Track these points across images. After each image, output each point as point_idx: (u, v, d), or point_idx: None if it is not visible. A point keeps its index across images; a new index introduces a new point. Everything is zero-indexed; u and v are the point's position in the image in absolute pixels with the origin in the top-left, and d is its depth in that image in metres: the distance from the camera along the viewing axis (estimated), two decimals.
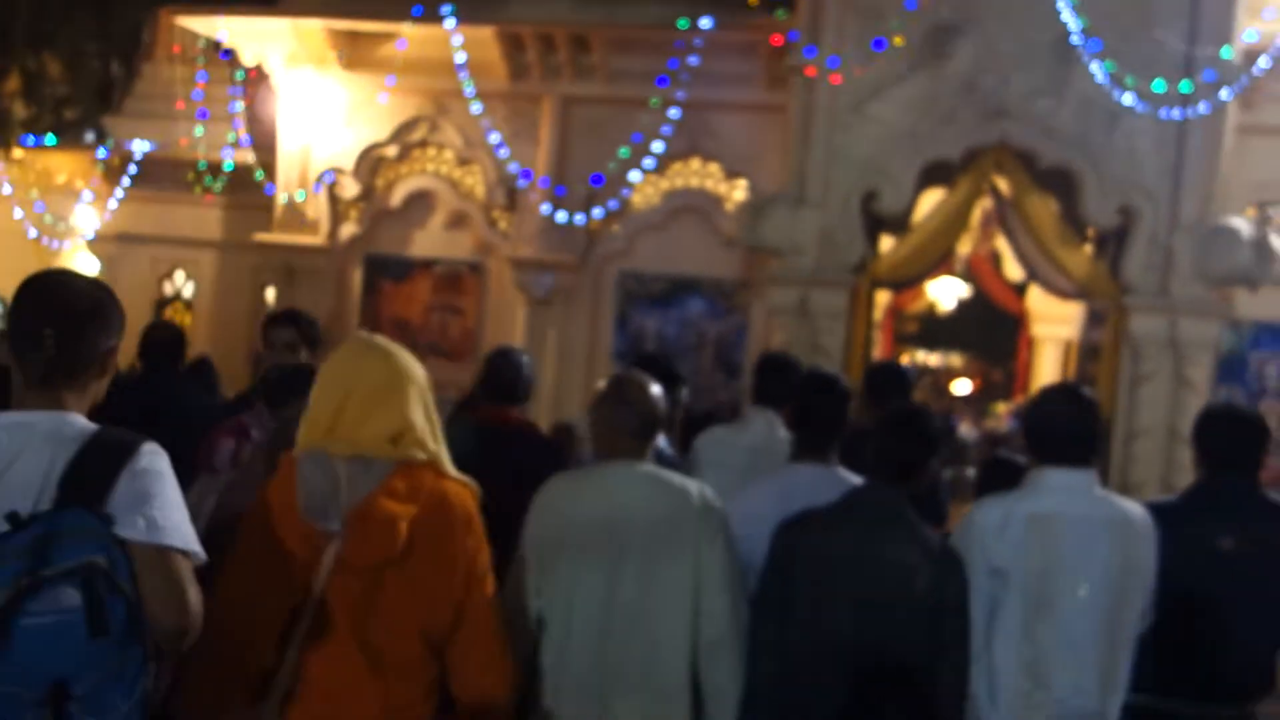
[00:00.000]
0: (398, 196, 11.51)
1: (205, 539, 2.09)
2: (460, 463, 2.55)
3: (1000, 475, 3.49)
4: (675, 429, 4.41)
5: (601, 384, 3.14)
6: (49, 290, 2.06)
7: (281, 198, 11.49)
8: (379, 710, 2.38)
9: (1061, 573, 2.96)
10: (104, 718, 1.84)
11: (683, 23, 10.02)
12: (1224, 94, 8.35)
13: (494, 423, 3.89)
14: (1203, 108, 8.30)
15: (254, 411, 3.82)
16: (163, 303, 13.12)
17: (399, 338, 10.75)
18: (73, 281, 2.10)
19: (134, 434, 2.01)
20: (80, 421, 2.02)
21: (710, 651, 2.91)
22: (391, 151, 11.43)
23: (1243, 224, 8.51)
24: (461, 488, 2.52)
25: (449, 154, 11.45)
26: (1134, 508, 3.07)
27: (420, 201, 11.54)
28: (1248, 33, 8.59)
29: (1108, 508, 3.05)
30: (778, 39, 9.66)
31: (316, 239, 11.46)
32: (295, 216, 11.46)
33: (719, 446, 4.19)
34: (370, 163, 11.45)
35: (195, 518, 3.39)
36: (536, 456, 3.76)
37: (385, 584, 2.39)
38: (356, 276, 11.64)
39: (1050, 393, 3.28)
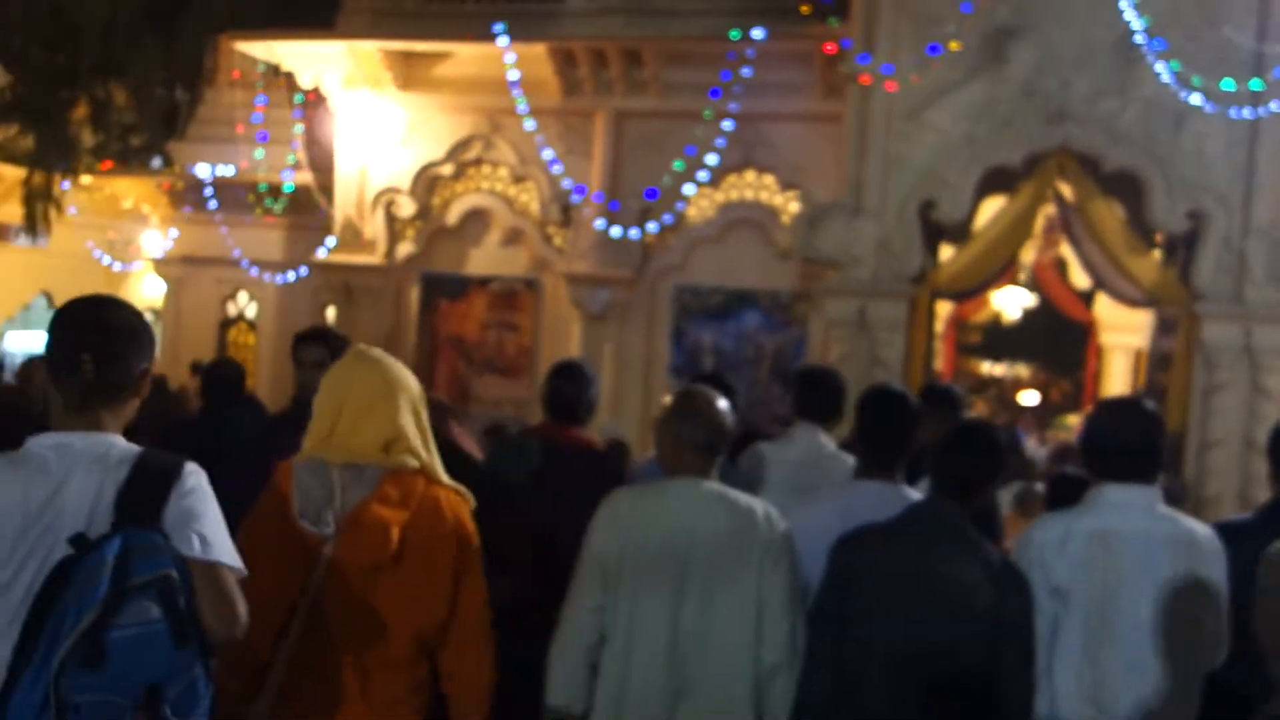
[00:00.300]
0: (454, 215, 11.57)
1: None
2: (523, 479, 2.53)
3: (1069, 491, 3.37)
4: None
5: (666, 400, 3.13)
6: (86, 315, 2.14)
7: (339, 218, 11.61)
8: (367, 708, 2.48)
9: (1122, 592, 2.87)
10: (190, 718, 1.97)
11: (735, 34, 9.94)
12: None
13: (556, 440, 3.92)
14: (1274, 106, 8.02)
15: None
16: (227, 323, 13.34)
17: (456, 355, 10.73)
18: (108, 306, 2.17)
19: (174, 455, 2.11)
20: (121, 443, 2.11)
21: (770, 677, 2.89)
22: (447, 170, 11.50)
23: None
24: (453, 495, 2.60)
25: (504, 171, 11.48)
26: (1200, 527, 2.95)
27: (476, 219, 11.59)
28: None
29: (1170, 525, 2.93)
30: (831, 47, 9.54)
31: (374, 258, 11.55)
32: (354, 236, 11.57)
33: (764, 463, 4.12)
34: (426, 182, 11.53)
35: None
36: (597, 473, 3.77)
37: (377, 586, 2.48)
38: (414, 294, 11.71)
39: (1107, 407, 3.19)
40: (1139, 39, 8.08)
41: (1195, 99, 8.03)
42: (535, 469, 3.80)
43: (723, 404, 3.00)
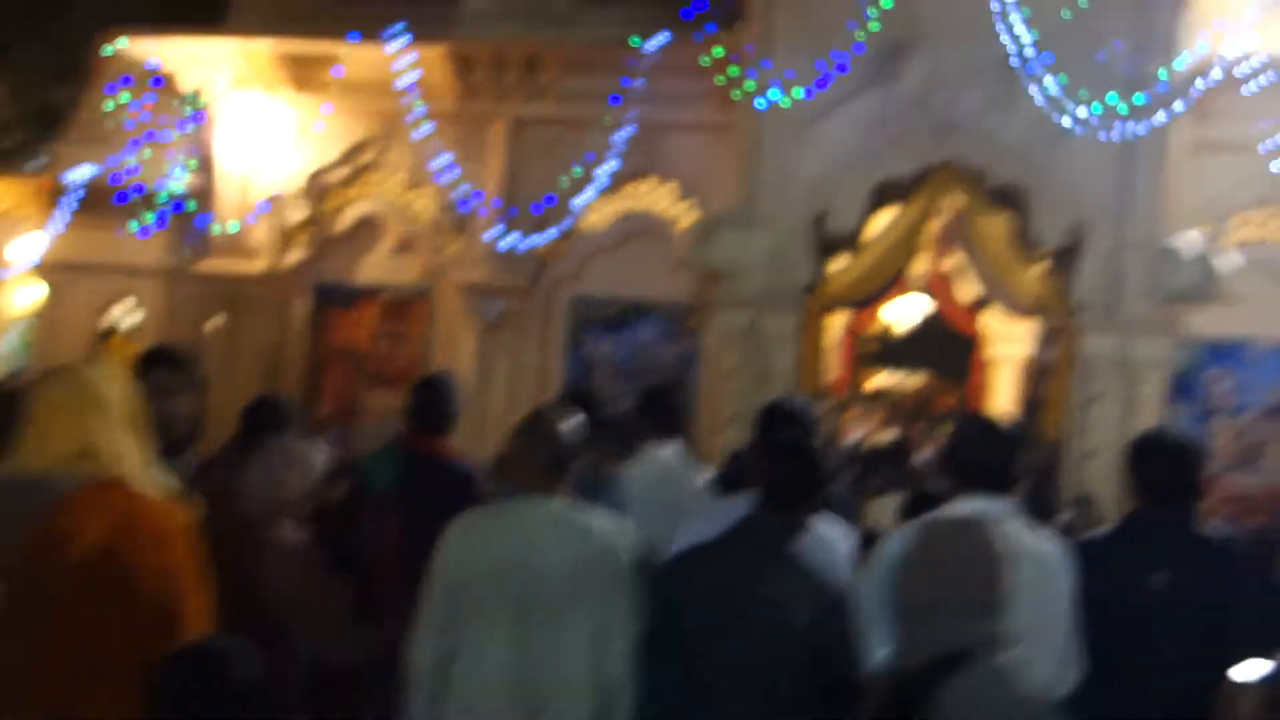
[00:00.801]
0: (345, 222, 11.32)
1: None
2: (384, 492, 2.58)
3: (921, 508, 3.39)
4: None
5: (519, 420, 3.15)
6: None
7: (223, 225, 11.27)
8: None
9: None
10: None
11: (635, 41, 9.91)
12: (1173, 110, 8.30)
13: (416, 451, 3.92)
14: (1150, 124, 8.26)
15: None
16: (105, 333, 12.84)
17: (346, 366, 10.45)
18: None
19: None
20: None
21: (616, 697, 2.90)
22: (339, 175, 11.24)
23: (1191, 241, 8.46)
24: (160, 505, 2.57)
25: (398, 177, 11.27)
26: (1047, 540, 2.98)
27: (367, 226, 11.35)
28: (1195, 48, 8.56)
29: (1021, 539, 2.93)
30: (729, 58, 9.57)
31: (261, 266, 11.23)
32: (240, 244, 11.23)
33: (617, 483, 4.08)
34: (317, 187, 11.25)
35: None
36: (455, 485, 3.78)
37: (69, 595, 2.43)
38: (302, 304, 11.41)
39: (967, 422, 3.23)
40: (1022, 56, 8.25)
41: (1079, 113, 8.23)
42: (397, 480, 3.76)
43: (569, 424, 3.03)
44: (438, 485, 3.62)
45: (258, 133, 11.23)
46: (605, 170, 10.12)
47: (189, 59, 11.18)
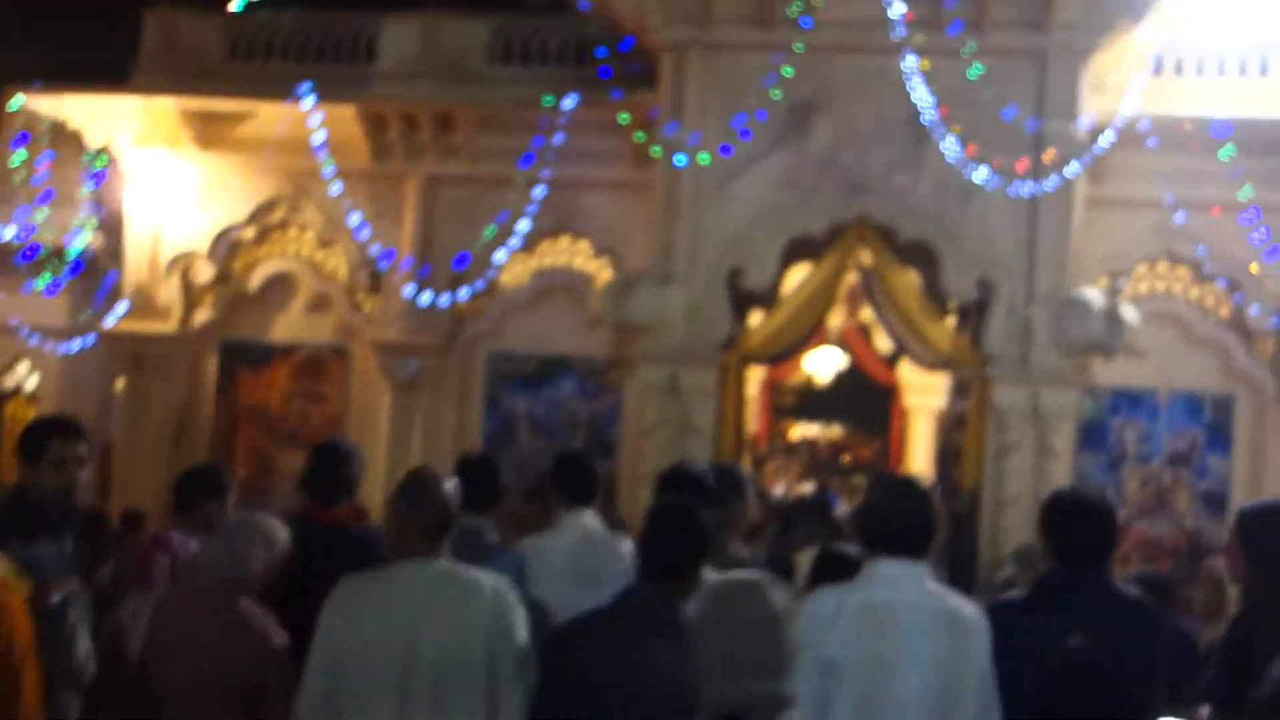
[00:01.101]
0: (256, 280, 11.11)
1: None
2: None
3: (833, 569, 3.36)
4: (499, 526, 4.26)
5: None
6: None
7: (131, 283, 10.97)
8: None
9: (893, 665, 2.86)
10: None
11: (548, 100, 9.94)
12: (1071, 169, 8.57)
13: (317, 522, 3.79)
14: (1051, 182, 8.51)
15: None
16: (4, 396, 12.37)
17: (257, 428, 10.16)
18: None
19: None
20: None
21: None
22: (249, 233, 11.05)
23: (1095, 294, 8.71)
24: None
25: (310, 235, 11.11)
26: (965, 603, 2.97)
27: (280, 285, 11.15)
28: (1092, 109, 8.87)
29: (938, 600, 2.94)
30: (642, 117, 9.64)
31: (168, 326, 10.94)
32: (146, 303, 10.93)
33: (537, 554, 4.01)
34: (226, 245, 11.04)
35: (132, 635, 3.33)
36: (353, 553, 3.60)
37: None
38: (211, 364, 11.14)
39: (882, 484, 3.22)
40: (928, 117, 8.46)
41: (980, 174, 8.45)
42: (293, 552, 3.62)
43: (449, 486, 2.99)
44: (336, 556, 3.49)
45: (165, 190, 11.00)
46: (521, 227, 10.09)
47: (93, 115, 10.93)
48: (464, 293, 10.38)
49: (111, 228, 11.39)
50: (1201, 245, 9.38)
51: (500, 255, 10.24)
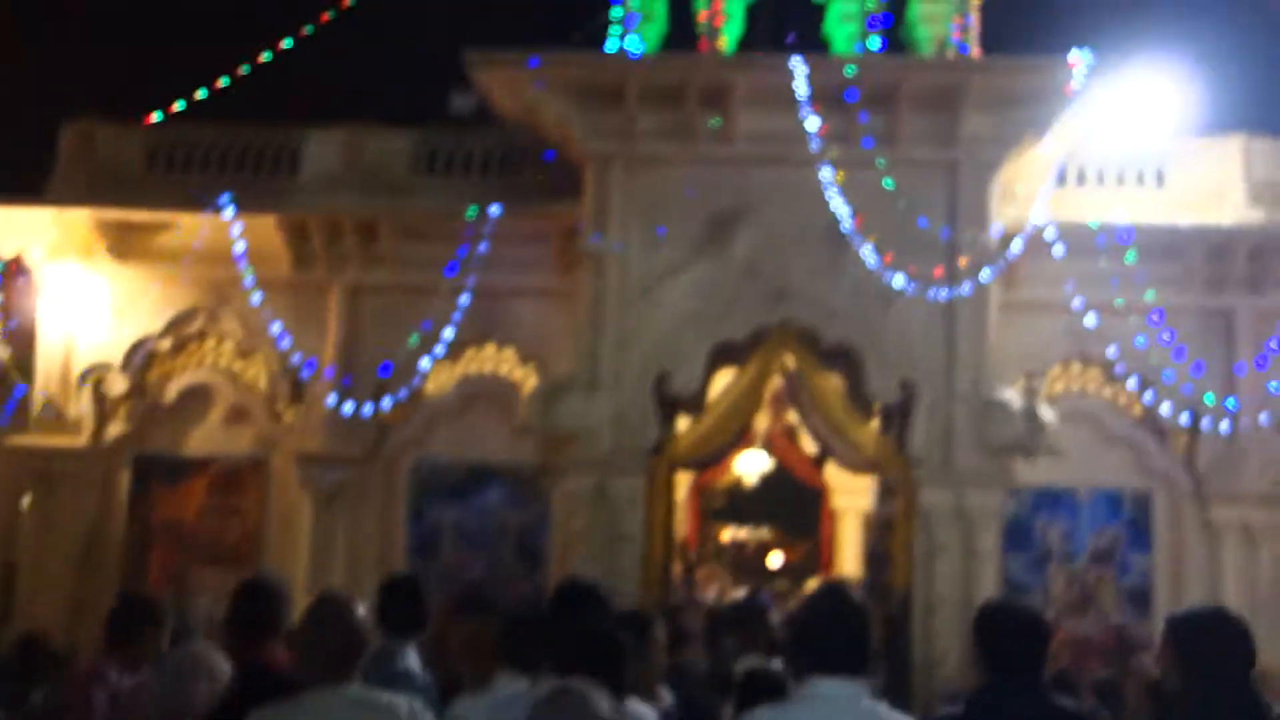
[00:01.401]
0: (171, 392, 10.84)
1: None
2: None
3: (760, 690, 3.28)
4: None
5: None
6: None
7: (39, 397, 10.63)
8: None
9: None
10: None
11: (472, 211, 10.00)
12: (985, 274, 8.83)
13: (248, 660, 3.58)
14: (966, 288, 8.74)
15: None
16: None
17: (172, 544, 9.71)
18: None
19: None
20: None
21: None
22: (165, 345, 10.82)
23: (1013, 395, 8.90)
24: None
25: (229, 345, 10.91)
26: None
27: (196, 396, 10.88)
28: (1002, 218, 9.18)
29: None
30: (567, 226, 9.73)
31: (79, 440, 10.59)
32: (55, 416, 10.59)
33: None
34: (141, 357, 10.78)
35: None
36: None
37: None
38: (124, 479, 10.77)
39: (817, 599, 3.14)
40: (845, 225, 8.67)
41: (898, 280, 8.65)
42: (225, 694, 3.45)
43: (359, 610, 2.99)
44: (266, 697, 3.32)
45: (79, 302, 10.75)
46: (446, 335, 10.04)
47: (6, 228, 10.69)
48: (387, 402, 10.24)
49: (21, 340, 11.07)
50: (1112, 346, 9.67)
51: (425, 363, 10.15)
